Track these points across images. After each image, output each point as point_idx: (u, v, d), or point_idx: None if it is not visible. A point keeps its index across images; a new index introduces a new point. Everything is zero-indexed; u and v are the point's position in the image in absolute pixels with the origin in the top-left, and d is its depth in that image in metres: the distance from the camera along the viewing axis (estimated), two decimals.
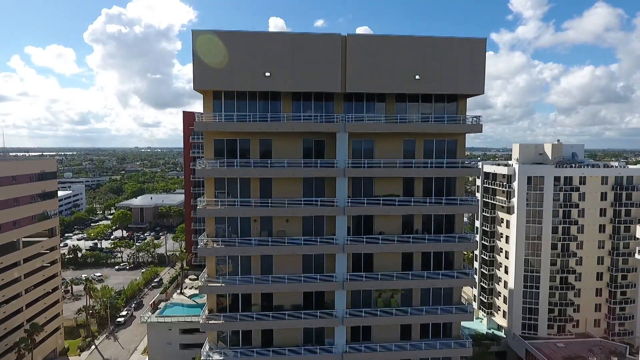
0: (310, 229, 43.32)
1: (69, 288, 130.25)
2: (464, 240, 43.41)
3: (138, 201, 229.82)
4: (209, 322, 42.30)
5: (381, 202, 42.17)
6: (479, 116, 41.85)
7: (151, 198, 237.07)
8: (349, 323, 43.63)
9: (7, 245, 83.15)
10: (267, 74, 39.32)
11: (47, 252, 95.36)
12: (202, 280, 42.89)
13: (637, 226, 67.41)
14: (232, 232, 43.10)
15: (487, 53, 42.00)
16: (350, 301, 44.69)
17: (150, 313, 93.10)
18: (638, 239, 67.41)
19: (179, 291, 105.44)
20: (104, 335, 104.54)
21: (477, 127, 42.30)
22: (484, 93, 41.05)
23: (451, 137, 43.73)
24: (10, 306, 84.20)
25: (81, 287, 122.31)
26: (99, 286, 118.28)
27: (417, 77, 40.48)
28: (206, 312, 43.78)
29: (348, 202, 42.05)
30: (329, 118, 41.44)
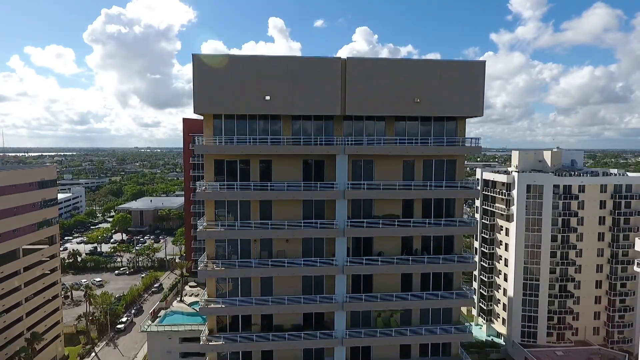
0: (310, 250, 43.54)
1: (69, 294, 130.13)
2: (463, 261, 43.62)
3: (138, 204, 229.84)
4: (209, 343, 42.43)
5: (380, 223, 42.30)
6: (478, 138, 42.04)
7: (151, 201, 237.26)
8: (348, 344, 43.80)
9: (7, 254, 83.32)
10: (267, 97, 39.45)
11: (47, 260, 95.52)
12: (203, 301, 43.04)
13: (637, 238, 67.52)
14: (232, 252, 43.27)
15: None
16: (350, 320, 44.87)
17: (150, 321, 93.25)
18: (638, 251, 67.45)
19: (178, 299, 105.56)
20: (104, 342, 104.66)
21: (476, 149, 42.48)
22: (483, 115, 41.20)
23: (450, 158, 43.87)
24: (11, 315, 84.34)
25: (81, 292, 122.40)
26: (98, 292, 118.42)
27: (416, 100, 40.62)
28: (206, 332, 43.93)
29: (348, 223, 42.21)
30: (328, 140, 41.58)
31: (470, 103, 41.21)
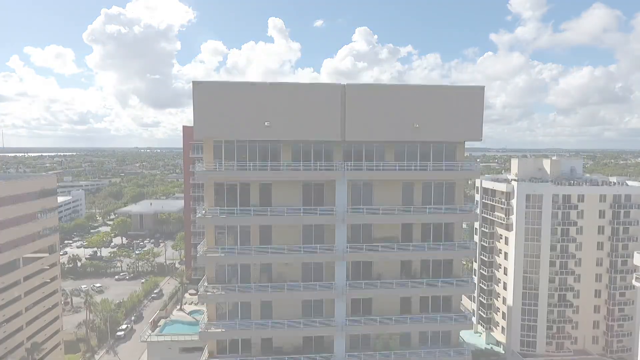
0: (309, 273, 43.72)
1: (69, 300, 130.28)
2: (462, 284, 43.80)
3: (137, 208, 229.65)
4: None
5: (380, 248, 42.44)
6: (477, 162, 42.18)
7: (150, 204, 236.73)
8: None
9: (7, 264, 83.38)
10: (267, 123, 39.62)
11: (48, 269, 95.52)
12: (203, 324, 43.24)
13: (636, 252, 67.59)
14: (232, 275, 43.45)
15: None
16: (349, 342, 45.00)
17: (150, 331, 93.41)
18: (637, 265, 67.58)
19: (178, 307, 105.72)
20: (104, 350, 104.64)
21: (474, 174, 42.74)
22: (481, 140, 41.38)
23: (449, 181, 44.01)
24: (11, 325, 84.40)
25: (81, 299, 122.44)
26: (98, 298, 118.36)
27: (415, 125, 40.77)
28: (206, 354, 44.15)
29: (347, 247, 42.34)
30: (328, 166, 41.68)
31: (469, 128, 41.44)
